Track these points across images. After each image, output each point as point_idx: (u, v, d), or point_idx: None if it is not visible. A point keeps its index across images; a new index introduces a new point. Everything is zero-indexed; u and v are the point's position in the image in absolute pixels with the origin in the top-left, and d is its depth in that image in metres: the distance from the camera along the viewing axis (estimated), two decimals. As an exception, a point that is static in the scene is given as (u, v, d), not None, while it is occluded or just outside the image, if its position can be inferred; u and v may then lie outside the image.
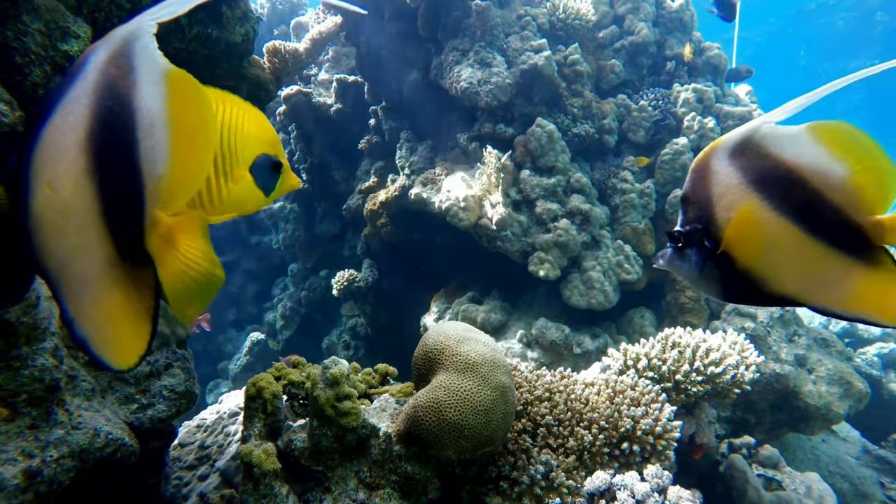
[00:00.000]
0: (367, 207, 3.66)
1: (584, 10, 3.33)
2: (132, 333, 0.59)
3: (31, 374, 1.00)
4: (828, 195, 0.61)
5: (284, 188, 0.79)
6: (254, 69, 2.36)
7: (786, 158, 0.62)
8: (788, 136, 0.63)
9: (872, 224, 0.61)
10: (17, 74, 1.14)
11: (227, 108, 0.72)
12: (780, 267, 0.64)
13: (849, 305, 0.63)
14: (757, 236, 0.64)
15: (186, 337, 1.51)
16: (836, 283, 0.63)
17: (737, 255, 0.65)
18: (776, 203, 0.62)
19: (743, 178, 0.64)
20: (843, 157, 0.61)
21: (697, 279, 0.71)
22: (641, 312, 3.03)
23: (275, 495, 1.19)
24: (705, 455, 2.03)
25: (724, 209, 0.65)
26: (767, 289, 0.66)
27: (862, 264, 0.62)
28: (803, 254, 0.63)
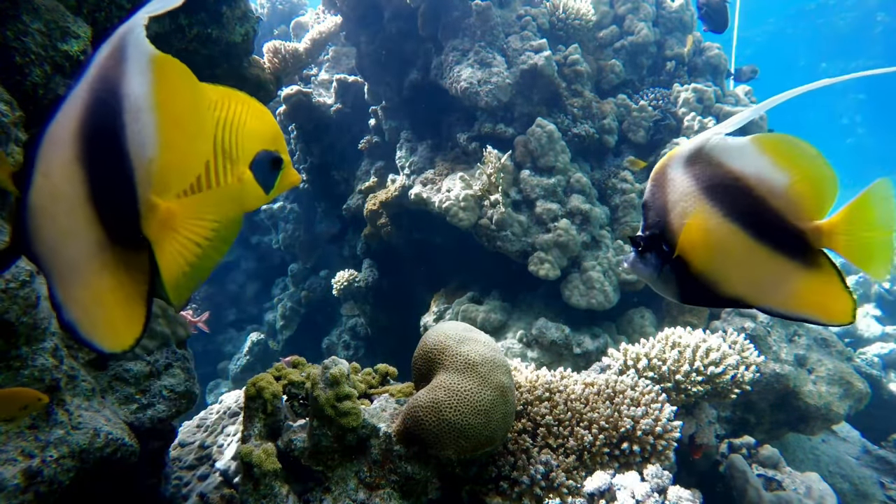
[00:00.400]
0: (367, 207, 3.66)
1: (584, 10, 3.33)
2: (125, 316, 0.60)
3: (31, 374, 1.00)
4: (771, 202, 0.65)
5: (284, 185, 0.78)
6: (254, 69, 2.36)
7: (733, 168, 0.66)
8: (736, 146, 0.66)
9: (812, 229, 0.64)
10: (17, 74, 1.14)
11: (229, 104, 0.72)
12: (730, 270, 0.68)
13: (792, 306, 0.66)
14: (707, 241, 0.67)
15: (186, 337, 1.51)
16: (780, 284, 0.66)
17: (690, 258, 0.69)
18: (725, 210, 0.66)
19: (695, 186, 0.67)
20: (784, 167, 0.64)
21: (657, 282, 0.74)
22: (641, 312, 3.03)
23: (275, 495, 1.19)
24: (705, 455, 2.03)
25: (678, 216, 0.68)
26: (719, 291, 0.69)
27: (803, 267, 0.65)
28: (750, 257, 0.66)
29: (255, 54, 2.40)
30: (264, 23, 5.27)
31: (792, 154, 0.64)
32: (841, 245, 0.63)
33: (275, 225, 5.05)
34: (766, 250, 0.66)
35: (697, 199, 0.67)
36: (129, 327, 0.60)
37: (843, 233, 0.63)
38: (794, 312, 0.67)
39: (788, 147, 0.65)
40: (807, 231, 0.64)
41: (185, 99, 0.60)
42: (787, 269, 0.66)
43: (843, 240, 0.63)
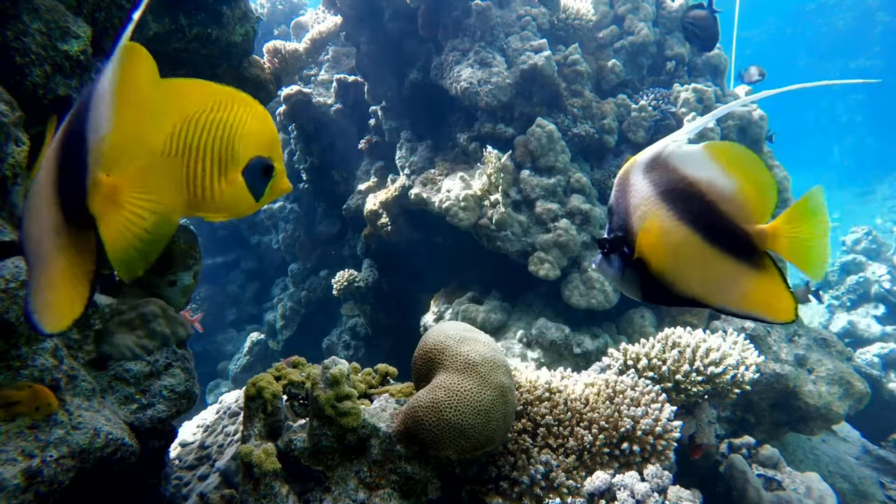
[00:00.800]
0: (367, 207, 3.66)
1: (584, 10, 3.33)
2: (68, 298, 0.61)
3: (31, 374, 1.00)
4: (721, 206, 0.68)
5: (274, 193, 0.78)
6: (254, 69, 2.36)
7: (687, 173, 0.69)
8: (690, 154, 0.69)
9: (756, 232, 0.68)
10: (17, 74, 1.14)
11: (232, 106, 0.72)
12: (685, 271, 0.71)
13: (742, 305, 0.70)
14: (664, 243, 0.70)
15: (186, 337, 1.51)
16: (731, 285, 0.70)
17: (649, 260, 0.72)
18: (679, 213, 0.69)
19: (653, 190, 0.70)
20: (732, 173, 0.68)
21: (620, 282, 0.77)
22: (641, 312, 3.03)
23: (275, 495, 1.19)
24: (705, 455, 2.03)
25: (638, 219, 0.71)
26: (676, 291, 0.73)
27: (751, 268, 0.69)
28: (702, 259, 0.69)
29: (255, 54, 2.40)
30: (264, 23, 5.27)
31: (739, 161, 0.68)
32: (783, 247, 0.67)
33: (275, 225, 5.05)
34: (717, 252, 0.69)
35: (655, 203, 0.70)
36: (71, 308, 0.60)
37: (784, 235, 0.67)
38: (744, 311, 0.70)
39: (736, 154, 0.68)
40: (752, 234, 0.68)
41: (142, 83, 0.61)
42: (737, 271, 0.69)
43: (784, 242, 0.67)
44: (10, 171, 1.05)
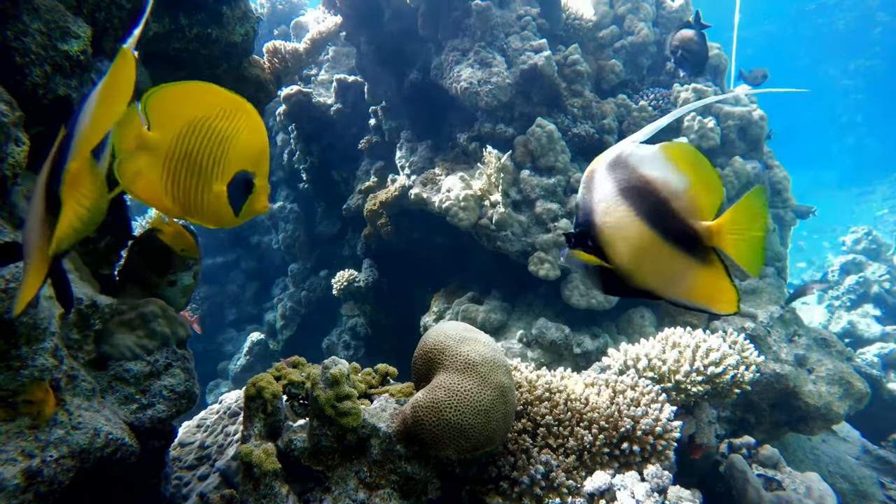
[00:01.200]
0: (367, 207, 3.66)
1: (584, 10, 3.33)
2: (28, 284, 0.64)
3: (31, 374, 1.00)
4: (673, 203, 0.72)
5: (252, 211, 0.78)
6: (254, 69, 2.36)
7: (644, 172, 0.73)
8: (647, 154, 0.74)
9: (704, 228, 0.72)
10: (17, 74, 1.14)
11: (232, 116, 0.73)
12: (641, 264, 0.75)
13: (691, 297, 0.74)
14: (622, 237, 0.75)
15: (187, 337, 1.51)
16: (680, 278, 0.74)
17: (608, 253, 0.76)
18: (636, 209, 0.73)
19: (614, 188, 0.75)
20: (684, 172, 0.72)
21: (584, 274, 0.82)
22: (641, 312, 3.03)
23: (275, 495, 1.19)
24: (705, 455, 2.03)
25: (600, 214, 0.76)
26: (633, 283, 0.77)
27: (698, 262, 0.73)
28: (656, 253, 0.74)
29: (255, 54, 2.40)
30: (264, 23, 5.26)
31: (690, 162, 0.72)
32: (727, 243, 0.71)
33: (275, 225, 5.05)
34: (669, 246, 0.73)
35: (615, 199, 0.74)
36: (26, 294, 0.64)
37: (728, 232, 0.70)
38: (692, 303, 0.75)
39: (687, 155, 0.72)
40: (700, 230, 0.72)
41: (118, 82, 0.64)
42: (686, 264, 0.73)
43: (728, 238, 0.71)
44: (10, 171, 1.05)
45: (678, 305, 0.77)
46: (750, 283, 3.02)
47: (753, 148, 3.38)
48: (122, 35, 1.54)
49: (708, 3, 3.86)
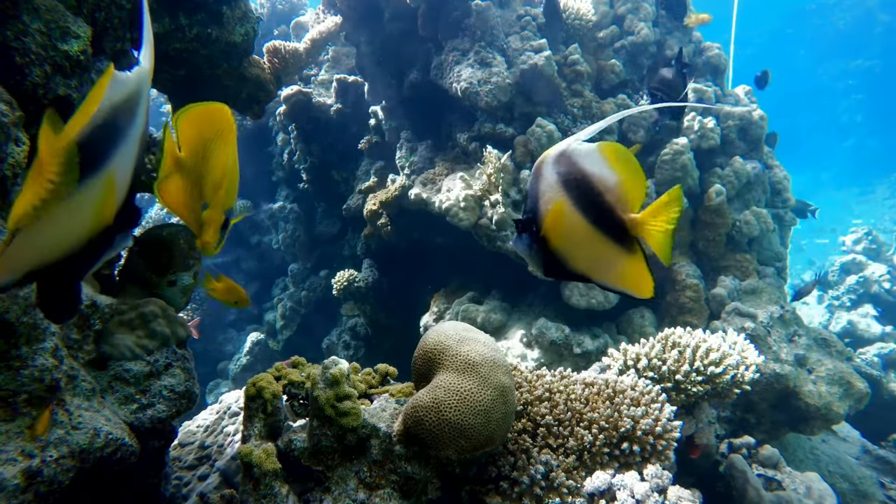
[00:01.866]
0: (367, 207, 3.66)
1: (584, 11, 3.33)
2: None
3: (31, 374, 1.00)
4: (606, 196, 0.79)
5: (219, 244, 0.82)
6: (254, 69, 2.36)
7: (583, 167, 0.80)
8: (585, 150, 0.81)
9: (630, 219, 0.79)
10: (17, 74, 1.14)
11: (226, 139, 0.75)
12: (576, 250, 0.83)
13: (617, 282, 0.82)
14: (561, 224, 0.82)
15: (187, 337, 1.51)
16: (609, 264, 0.82)
17: (549, 238, 0.83)
18: (574, 200, 0.81)
19: (557, 179, 0.81)
20: (616, 168, 0.79)
21: (529, 257, 0.88)
22: (641, 312, 3.03)
23: (275, 495, 1.19)
24: (705, 455, 2.03)
25: (544, 203, 0.82)
26: (569, 267, 0.84)
27: (624, 250, 0.81)
28: (589, 240, 0.81)
29: (255, 54, 2.40)
30: (264, 23, 5.26)
31: (621, 159, 0.79)
32: (647, 233, 0.79)
33: (275, 225, 5.05)
34: (600, 235, 0.81)
35: (558, 190, 0.81)
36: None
37: (648, 224, 0.78)
38: (618, 288, 0.83)
39: (619, 153, 0.80)
40: (626, 221, 0.79)
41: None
42: (614, 252, 0.81)
43: (648, 229, 0.79)
44: (10, 171, 1.05)
45: (606, 289, 0.84)
46: (750, 283, 3.03)
47: (753, 148, 3.38)
48: (122, 34, 1.54)
49: (708, 3, 3.86)
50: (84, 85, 1.31)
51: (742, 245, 3.20)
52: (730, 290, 2.96)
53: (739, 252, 3.19)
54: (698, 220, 3.19)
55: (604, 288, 0.84)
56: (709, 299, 3.00)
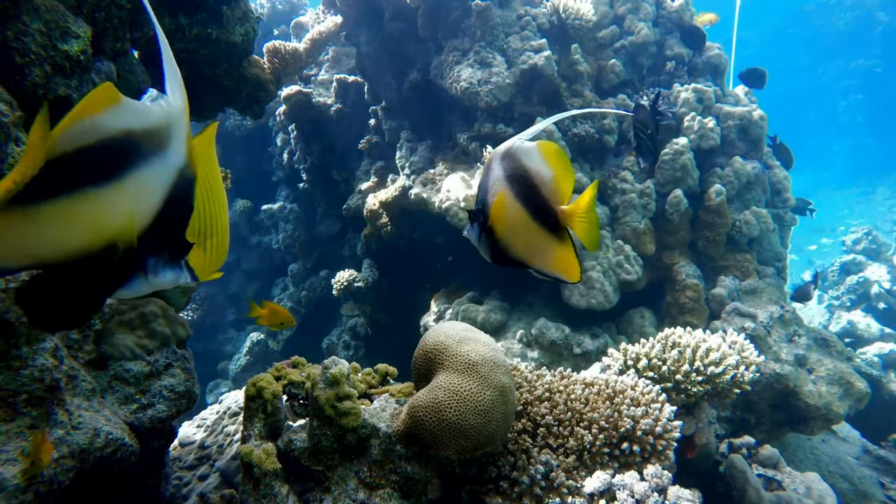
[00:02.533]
0: (367, 207, 3.66)
1: (584, 10, 3.33)
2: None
3: (31, 374, 1.00)
4: (542, 190, 0.87)
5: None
6: (254, 69, 2.36)
7: (524, 163, 0.88)
8: (527, 148, 0.88)
9: (561, 211, 0.87)
10: (17, 74, 1.14)
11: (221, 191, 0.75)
12: (516, 238, 0.90)
13: (551, 268, 0.90)
14: (504, 215, 0.89)
15: (187, 337, 1.51)
16: (544, 251, 0.89)
17: (494, 228, 0.90)
18: (516, 193, 0.88)
19: (503, 174, 0.89)
20: (551, 165, 0.87)
21: (478, 244, 0.94)
22: (641, 312, 3.03)
23: (275, 495, 1.19)
24: (705, 455, 2.03)
25: (491, 195, 0.89)
26: (510, 254, 0.91)
27: (557, 240, 0.88)
28: (527, 230, 0.89)
29: (255, 54, 2.40)
30: (264, 23, 5.26)
31: (555, 156, 0.88)
32: (574, 224, 0.87)
33: (275, 225, 5.05)
34: (536, 225, 0.88)
35: (503, 183, 0.89)
36: None
37: (575, 215, 0.87)
38: (552, 274, 0.90)
39: (554, 151, 0.88)
40: (558, 213, 0.87)
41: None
42: (548, 240, 0.89)
43: (575, 220, 0.87)
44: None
45: (542, 275, 0.91)
46: (750, 284, 3.03)
47: (753, 148, 3.38)
48: (122, 34, 1.54)
49: (707, 3, 3.86)
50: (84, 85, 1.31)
51: (742, 245, 3.20)
52: (730, 290, 2.96)
53: (739, 252, 3.19)
54: (698, 220, 3.19)
55: (539, 273, 0.91)
56: (709, 299, 3.00)
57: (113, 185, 0.55)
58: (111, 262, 0.57)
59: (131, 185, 0.56)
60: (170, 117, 0.59)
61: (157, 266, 0.63)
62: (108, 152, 0.54)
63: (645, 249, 3.09)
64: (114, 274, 0.59)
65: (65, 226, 0.53)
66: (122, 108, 0.55)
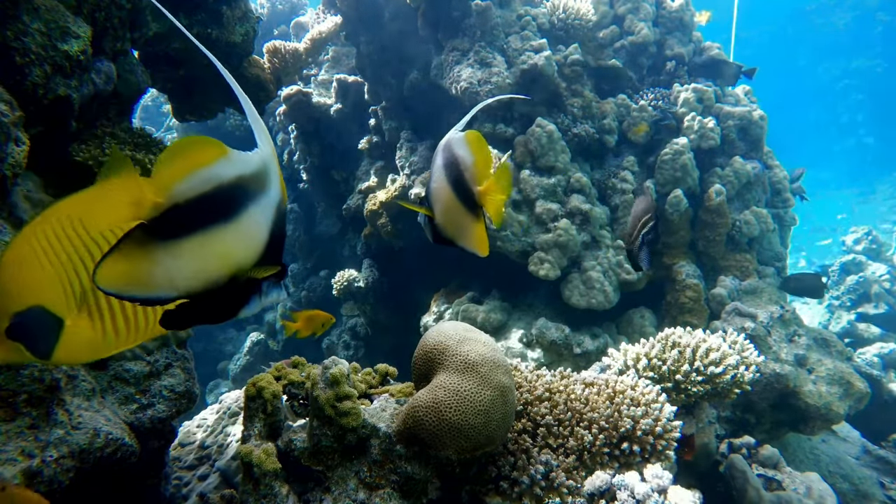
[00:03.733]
0: (368, 207, 3.66)
1: (584, 10, 3.33)
2: None
3: (31, 374, 1.00)
4: (466, 174, 0.97)
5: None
6: (254, 69, 2.36)
7: (455, 151, 0.98)
8: (458, 138, 0.99)
9: (477, 192, 0.96)
10: (17, 74, 1.14)
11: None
12: (447, 219, 1.00)
13: (469, 244, 1.00)
14: (439, 199, 0.99)
15: (187, 337, 1.51)
16: (466, 229, 0.99)
17: (434, 211, 1.01)
18: (448, 178, 0.98)
19: (442, 163, 0.99)
20: (472, 150, 0.97)
21: (424, 227, 1.04)
22: (641, 312, 3.03)
23: (275, 495, 1.19)
24: (706, 455, 2.03)
25: (433, 182, 1.00)
26: (444, 234, 1.02)
27: (475, 218, 0.98)
28: (455, 211, 0.99)
29: (255, 54, 2.40)
30: (264, 23, 5.26)
31: (476, 142, 0.97)
32: (487, 203, 0.96)
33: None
34: (461, 205, 0.98)
35: (440, 171, 0.99)
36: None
37: (488, 195, 0.96)
38: (471, 249, 1.00)
39: (476, 139, 0.97)
40: (476, 193, 0.96)
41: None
42: (470, 219, 0.98)
43: (488, 199, 0.96)
44: (10, 171, 1.05)
45: (465, 251, 1.01)
46: (750, 284, 3.03)
47: (753, 148, 3.38)
48: (121, 34, 1.54)
49: (707, 3, 3.86)
50: (84, 85, 1.31)
51: (742, 245, 3.20)
52: (730, 289, 2.96)
53: (739, 252, 3.19)
54: (698, 220, 3.19)
55: (462, 249, 1.01)
56: (709, 299, 3.00)
57: (234, 223, 0.63)
58: (237, 288, 0.66)
59: (246, 222, 0.64)
60: (266, 161, 0.67)
61: (268, 287, 0.71)
62: (226, 196, 0.62)
63: (645, 249, 3.09)
64: (238, 298, 0.67)
65: (201, 259, 0.61)
66: (231, 158, 0.63)
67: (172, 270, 0.59)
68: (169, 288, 0.60)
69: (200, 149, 0.61)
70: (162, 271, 0.59)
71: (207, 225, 0.61)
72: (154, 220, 0.57)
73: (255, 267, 0.66)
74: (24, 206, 1.24)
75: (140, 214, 0.57)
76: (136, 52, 1.82)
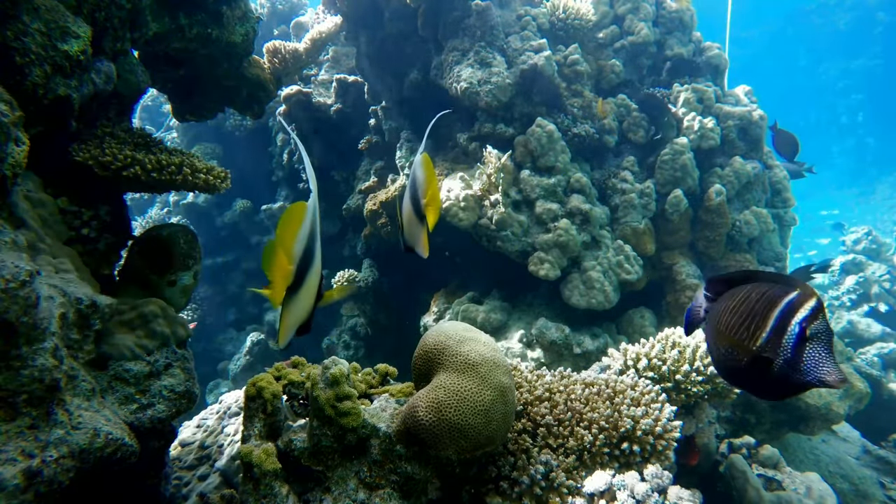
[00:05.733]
0: (367, 207, 3.66)
1: (584, 10, 3.33)
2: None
3: (31, 374, 1.00)
4: (418, 190, 1.23)
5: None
6: (254, 69, 2.36)
7: (415, 171, 1.25)
8: (419, 160, 1.25)
9: (423, 204, 1.23)
10: (17, 74, 1.14)
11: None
12: (409, 229, 1.26)
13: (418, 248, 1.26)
14: (405, 213, 1.25)
15: (187, 337, 1.51)
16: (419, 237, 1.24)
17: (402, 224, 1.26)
18: (409, 195, 1.25)
19: (409, 182, 1.25)
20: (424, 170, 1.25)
21: (400, 240, 1.27)
22: (641, 312, 3.03)
23: (275, 495, 1.19)
24: (706, 455, 2.03)
25: (403, 199, 1.26)
26: (409, 243, 1.26)
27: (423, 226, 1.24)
28: (412, 222, 1.23)
29: (255, 54, 2.40)
30: (264, 23, 5.26)
31: (426, 163, 1.24)
32: (427, 212, 1.23)
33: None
34: (416, 218, 1.23)
35: (409, 190, 1.24)
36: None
37: (429, 206, 1.22)
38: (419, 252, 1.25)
39: (425, 160, 1.25)
40: (423, 206, 1.23)
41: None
42: (420, 229, 1.24)
43: (428, 209, 1.22)
44: (10, 171, 1.05)
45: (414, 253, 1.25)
46: (750, 283, 3.02)
47: (753, 148, 3.38)
48: (121, 34, 1.54)
49: (706, 3, 3.86)
50: (84, 85, 1.31)
51: (742, 245, 3.20)
52: (730, 290, 2.95)
53: (739, 252, 3.19)
54: (698, 220, 3.19)
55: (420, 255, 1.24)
56: (709, 299, 3.00)
57: (315, 264, 0.96)
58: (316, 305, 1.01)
59: (317, 257, 0.96)
60: (315, 204, 0.95)
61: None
62: (312, 246, 0.94)
63: (645, 249, 3.09)
64: (315, 310, 1.01)
65: (307, 295, 0.96)
66: (309, 214, 0.93)
67: (299, 307, 0.97)
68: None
69: (296, 217, 0.90)
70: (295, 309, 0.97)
71: (308, 271, 0.94)
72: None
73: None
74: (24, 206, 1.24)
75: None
76: (136, 51, 1.82)
